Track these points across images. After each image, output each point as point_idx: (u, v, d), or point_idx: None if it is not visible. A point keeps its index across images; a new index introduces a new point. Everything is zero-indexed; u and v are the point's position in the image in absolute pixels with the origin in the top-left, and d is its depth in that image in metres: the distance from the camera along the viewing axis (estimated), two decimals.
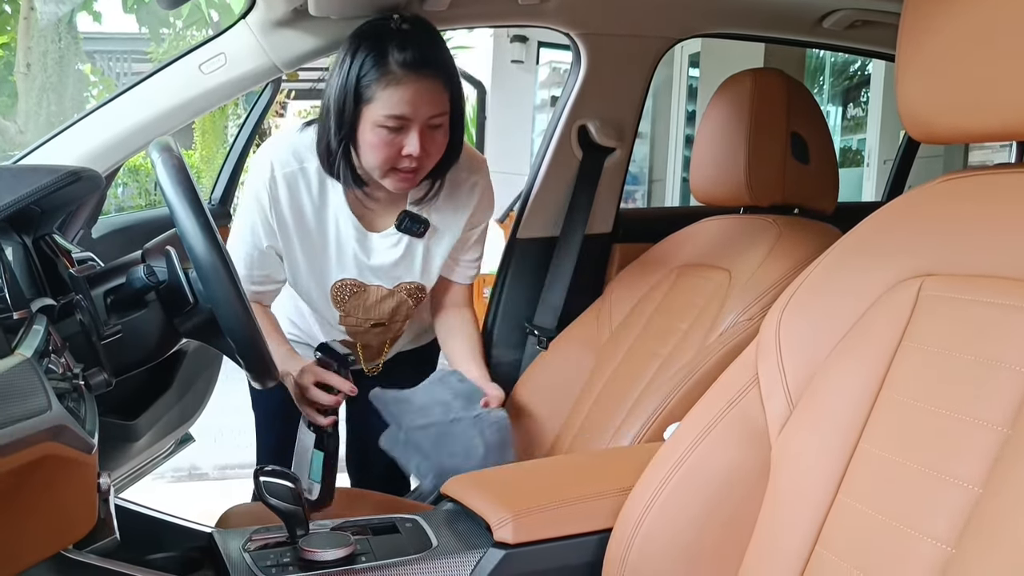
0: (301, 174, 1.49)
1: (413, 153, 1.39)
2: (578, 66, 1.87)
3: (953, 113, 0.86)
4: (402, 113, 1.36)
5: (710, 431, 1.00)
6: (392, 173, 1.42)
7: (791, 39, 2.01)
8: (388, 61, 1.35)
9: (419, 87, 1.36)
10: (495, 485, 1.19)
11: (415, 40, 1.37)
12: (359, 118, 1.39)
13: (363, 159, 1.43)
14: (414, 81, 1.36)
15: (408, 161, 1.40)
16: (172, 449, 1.76)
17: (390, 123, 1.37)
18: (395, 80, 1.35)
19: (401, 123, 1.37)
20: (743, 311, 1.44)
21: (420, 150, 1.39)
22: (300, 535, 1.07)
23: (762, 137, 1.55)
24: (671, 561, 0.99)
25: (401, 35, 1.37)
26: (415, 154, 1.39)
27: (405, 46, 1.35)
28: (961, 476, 0.77)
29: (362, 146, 1.41)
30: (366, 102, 1.37)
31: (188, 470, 3.49)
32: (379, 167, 1.42)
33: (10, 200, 0.99)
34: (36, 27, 10.56)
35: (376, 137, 1.38)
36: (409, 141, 1.38)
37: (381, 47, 1.36)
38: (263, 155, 1.51)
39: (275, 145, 1.52)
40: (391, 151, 1.39)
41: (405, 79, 1.35)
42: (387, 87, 1.35)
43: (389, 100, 1.36)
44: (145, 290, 1.07)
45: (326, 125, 1.42)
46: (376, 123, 1.37)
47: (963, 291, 0.84)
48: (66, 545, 0.87)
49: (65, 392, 0.82)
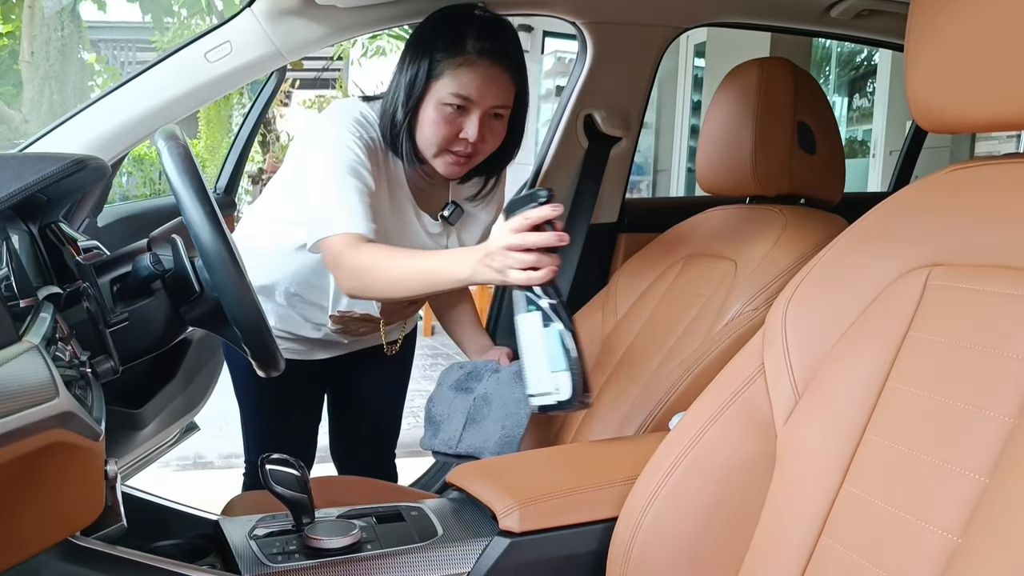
0: (371, 142, 1.48)
1: (470, 137, 1.43)
2: (584, 55, 1.86)
3: (962, 102, 0.86)
4: (468, 94, 1.40)
5: (715, 421, 1.00)
6: (445, 155, 1.45)
7: (798, 28, 2.00)
8: (465, 43, 1.40)
9: (489, 73, 1.40)
10: (500, 474, 1.19)
11: (494, 30, 1.43)
12: (426, 92, 1.42)
13: (421, 135, 1.45)
14: (486, 67, 1.40)
15: (464, 145, 1.44)
16: (178, 437, 1.77)
17: (455, 101, 1.40)
18: (468, 62, 1.39)
19: (465, 103, 1.41)
20: (749, 301, 1.44)
21: (477, 135, 1.42)
22: (305, 523, 1.07)
23: (768, 127, 1.55)
24: (676, 550, 1.00)
25: (482, 23, 1.43)
26: (471, 139, 1.43)
27: (484, 34, 1.41)
28: (968, 466, 0.77)
29: (423, 122, 1.44)
30: (435, 78, 1.41)
31: (193, 458, 3.50)
32: (436, 145, 1.44)
33: (16, 188, 0.98)
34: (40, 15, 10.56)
35: (438, 114, 1.42)
36: (469, 124, 1.42)
37: (460, 29, 1.41)
38: (339, 115, 1.47)
39: (346, 109, 1.49)
40: (450, 131, 1.42)
41: (477, 63, 1.39)
42: (459, 67, 1.39)
43: (458, 79, 1.40)
44: (151, 278, 1.07)
45: (394, 96, 1.45)
46: (441, 100, 1.41)
47: (970, 281, 0.84)
48: (74, 531, 0.88)
49: (72, 380, 0.83)
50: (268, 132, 9.49)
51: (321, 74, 11.88)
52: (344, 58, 9.76)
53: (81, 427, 0.75)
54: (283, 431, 1.77)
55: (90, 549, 0.90)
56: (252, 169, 8.76)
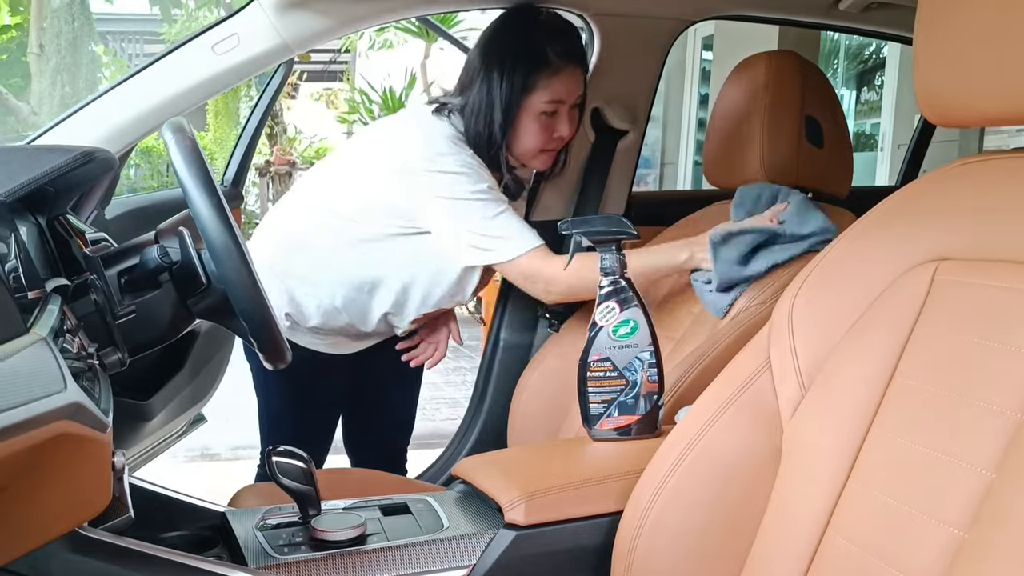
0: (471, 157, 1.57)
1: (566, 135, 1.59)
2: (591, 48, 1.86)
3: (971, 96, 0.86)
4: (561, 98, 1.54)
5: (721, 415, 1.00)
6: (542, 154, 1.59)
7: (806, 21, 1.99)
8: (547, 53, 1.51)
9: (573, 75, 1.55)
10: (506, 467, 1.19)
11: (564, 30, 1.55)
12: (522, 107, 1.52)
13: (519, 145, 1.57)
14: (570, 70, 1.54)
15: (559, 143, 1.60)
16: (185, 429, 1.77)
17: (551, 108, 1.54)
18: (555, 69, 1.52)
19: (556, 107, 1.54)
20: (755, 295, 1.44)
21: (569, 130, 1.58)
22: (312, 515, 1.08)
23: (776, 120, 1.54)
24: (681, 544, 1.00)
25: (550, 26, 1.55)
26: (567, 136, 1.59)
27: (557, 37, 1.53)
28: (974, 461, 0.76)
29: (523, 133, 1.55)
30: (528, 91, 1.52)
31: (201, 450, 3.51)
32: (534, 149, 1.57)
33: (25, 180, 0.99)
34: (49, 8, 10.58)
35: (537, 123, 1.54)
36: (561, 124, 1.57)
37: (536, 39, 1.52)
38: (443, 136, 1.54)
39: (442, 129, 1.55)
40: (547, 135, 1.56)
41: (563, 68, 1.53)
42: (550, 77, 1.52)
43: (551, 89, 1.53)
44: (158, 271, 1.07)
45: (487, 119, 1.53)
46: (539, 111, 1.54)
47: (978, 276, 0.84)
48: (81, 522, 0.88)
49: (80, 371, 0.83)
50: (275, 125, 9.49)
51: (328, 67, 11.87)
52: (351, 51, 9.77)
53: (89, 419, 0.75)
54: (304, 424, 1.77)
55: (97, 540, 0.91)
56: (259, 161, 8.76)
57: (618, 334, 1.21)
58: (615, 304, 1.22)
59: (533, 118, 1.54)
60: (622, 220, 1.26)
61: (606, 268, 1.23)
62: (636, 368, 1.21)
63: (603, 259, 1.23)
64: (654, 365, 1.22)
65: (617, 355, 1.21)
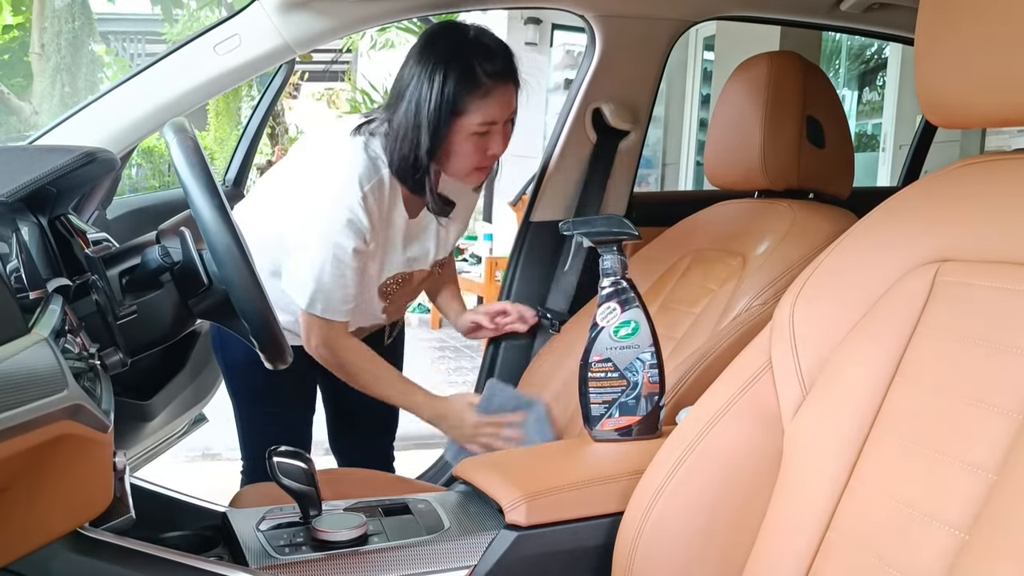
0: (379, 184, 1.52)
1: (499, 152, 1.55)
2: (593, 48, 1.86)
3: (973, 97, 0.86)
4: (493, 119, 1.50)
5: (723, 415, 1.00)
6: (475, 172, 1.56)
7: (808, 22, 2.00)
8: (477, 74, 1.46)
9: (505, 93, 1.50)
10: (507, 467, 1.19)
11: (494, 49, 1.50)
12: (451, 130, 1.48)
13: (452, 166, 1.54)
14: (502, 88, 1.49)
15: (492, 160, 1.56)
16: (186, 429, 1.78)
17: (484, 129, 1.49)
18: (486, 90, 1.47)
19: (489, 127, 1.50)
20: (757, 295, 1.44)
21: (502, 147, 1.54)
22: (313, 515, 1.08)
23: (777, 121, 1.54)
24: (682, 545, 1.00)
25: (480, 46, 1.49)
26: (499, 153, 1.55)
27: (489, 57, 1.48)
28: (975, 463, 0.76)
29: (454, 155, 1.51)
30: (459, 114, 1.47)
31: (201, 450, 3.51)
32: (467, 168, 1.54)
33: (26, 180, 0.99)
34: (51, 7, 10.58)
35: (470, 144, 1.50)
36: (494, 142, 1.53)
37: (467, 60, 1.46)
38: (346, 174, 1.50)
39: (353, 160, 1.51)
40: (480, 154, 1.52)
41: (494, 87, 1.48)
42: (481, 97, 1.47)
43: (483, 110, 1.48)
44: (160, 271, 1.07)
45: (413, 142, 1.48)
46: (470, 132, 1.49)
47: (979, 277, 0.84)
48: (82, 523, 0.88)
49: (81, 372, 0.83)
50: (277, 124, 9.51)
51: (330, 67, 11.87)
52: (353, 51, 9.75)
53: (90, 419, 0.75)
54: (279, 423, 1.76)
55: (99, 540, 0.91)
56: (261, 161, 8.78)
57: (619, 335, 1.21)
58: (616, 305, 1.21)
59: (465, 138, 1.50)
60: (623, 221, 1.25)
61: (607, 269, 1.23)
62: (637, 369, 1.21)
63: (604, 260, 1.23)
64: (655, 366, 1.22)
65: (618, 356, 1.21)
